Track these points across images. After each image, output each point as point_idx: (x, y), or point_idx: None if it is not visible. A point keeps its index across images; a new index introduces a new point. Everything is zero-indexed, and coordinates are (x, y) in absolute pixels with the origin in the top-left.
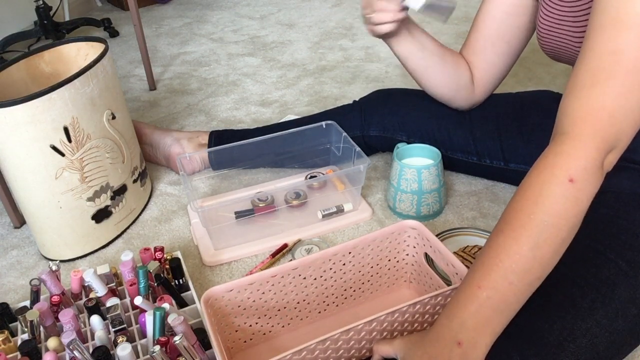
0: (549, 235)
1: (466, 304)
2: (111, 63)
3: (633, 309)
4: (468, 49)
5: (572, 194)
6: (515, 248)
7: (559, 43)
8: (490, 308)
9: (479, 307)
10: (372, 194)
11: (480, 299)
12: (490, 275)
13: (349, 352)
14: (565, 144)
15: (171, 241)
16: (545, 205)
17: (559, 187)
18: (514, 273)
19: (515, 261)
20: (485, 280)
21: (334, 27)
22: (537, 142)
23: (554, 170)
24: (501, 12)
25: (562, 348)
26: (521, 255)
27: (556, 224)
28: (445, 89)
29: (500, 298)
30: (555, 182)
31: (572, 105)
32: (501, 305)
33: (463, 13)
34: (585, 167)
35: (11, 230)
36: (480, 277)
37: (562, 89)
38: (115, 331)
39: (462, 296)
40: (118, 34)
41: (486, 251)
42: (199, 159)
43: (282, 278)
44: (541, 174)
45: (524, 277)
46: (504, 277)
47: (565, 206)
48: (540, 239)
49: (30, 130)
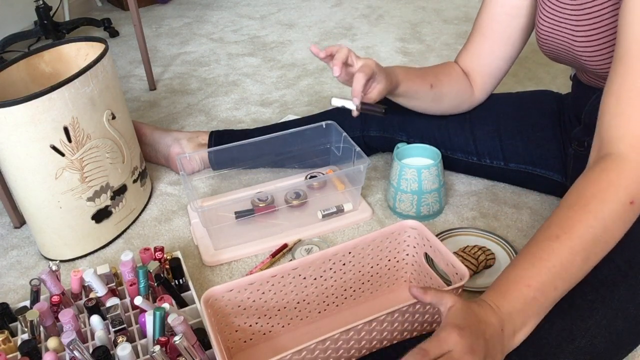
0: (599, 251)
1: (513, 299)
2: (111, 63)
3: (632, 309)
4: (471, 53)
5: (630, 216)
6: (569, 258)
7: (559, 44)
8: (533, 310)
9: (525, 306)
10: (372, 194)
11: (527, 299)
12: (540, 277)
13: (349, 352)
14: (627, 166)
15: (171, 241)
16: (606, 223)
17: (622, 208)
18: (562, 280)
19: (566, 269)
20: (535, 281)
21: (334, 27)
22: (537, 142)
23: (618, 190)
24: (504, 15)
25: (561, 348)
26: (572, 265)
27: (608, 241)
28: (448, 110)
29: (544, 302)
30: (619, 202)
31: (626, 130)
32: (542, 310)
33: (463, 13)
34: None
35: (11, 230)
36: (530, 275)
37: (562, 89)
38: (115, 331)
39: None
40: (118, 34)
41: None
42: (198, 159)
43: (282, 278)
44: (603, 192)
45: (569, 284)
46: (552, 282)
47: (622, 227)
48: (592, 254)
49: (30, 130)
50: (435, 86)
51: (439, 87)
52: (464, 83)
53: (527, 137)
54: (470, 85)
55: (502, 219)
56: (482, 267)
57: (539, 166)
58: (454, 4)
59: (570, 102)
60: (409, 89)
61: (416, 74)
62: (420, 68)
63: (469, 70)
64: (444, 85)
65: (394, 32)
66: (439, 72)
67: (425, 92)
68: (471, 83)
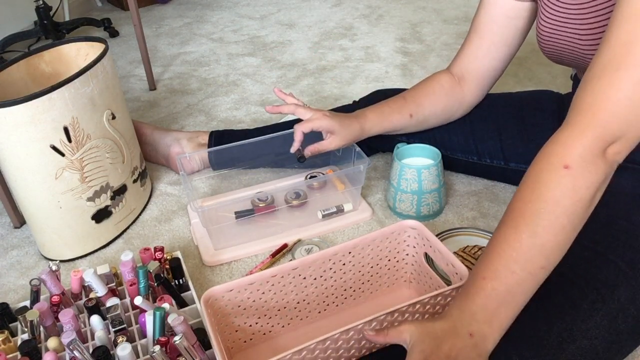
0: (547, 223)
1: (474, 296)
2: (111, 63)
3: (633, 309)
4: (467, 54)
5: (568, 180)
6: (515, 237)
7: (563, 45)
8: (497, 300)
9: (486, 299)
10: (372, 194)
11: (486, 290)
12: (493, 265)
13: (349, 352)
14: (563, 132)
15: (171, 241)
16: (542, 192)
17: (554, 173)
18: (516, 262)
19: (516, 249)
20: (488, 271)
21: (334, 27)
22: (537, 142)
23: (550, 157)
24: (503, 17)
25: (561, 349)
26: (521, 243)
27: (553, 210)
28: (439, 124)
29: (505, 289)
30: (550, 168)
31: (579, 96)
32: (507, 297)
33: (463, 13)
34: (582, 154)
35: (11, 230)
36: (484, 268)
37: (562, 89)
38: (115, 331)
39: (470, 288)
40: (118, 34)
41: (490, 243)
42: (198, 158)
43: (282, 278)
44: (538, 162)
45: (526, 266)
46: (506, 266)
47: (561, 192)
48: (538, 227)
49: (30, 130)
50: (415, 114)
51: (420, 112)
52: (450, 97)
53: (527, 137)
54: (460, 93)
55: None
56: None
57: None
58: (454, 4)
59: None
60: (386, 128)
61: (392, 108)
62: (400, 96)
63: (464, 73)
64: (426, 108)
65: (394, 32)
66: (420, 95)
67: (405, 123)
68: (464, 87)
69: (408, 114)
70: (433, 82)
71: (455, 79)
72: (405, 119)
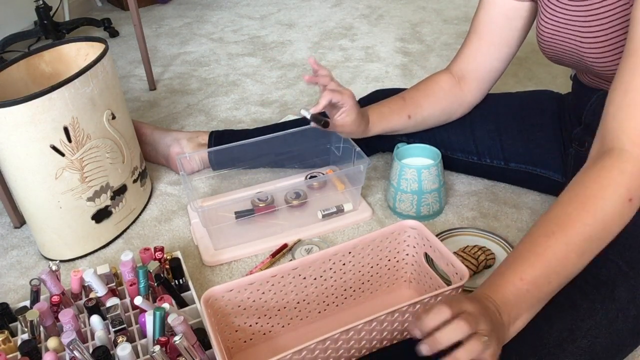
0: (594, 247)
1: (504, 290)
2: (111, 63)
3: (633, 309)
4: (467, 55)
5: (628, 213)
6: (565, 254)
7: (564, 46)
8: (527, 302)
9: (518, 298)
10: (372, 194)
11: (520, 291)
12: (534, 271)
13: (349, 352)
14: (629, 163)
15: (171, 241)
16: (606, 223)
17: (620, 206)
18: (558, 276)
19: (562, 266)
20: (528, 275)
21: (334, 27)
22: (537, 142)
23: (618, 188)
24: (503, 17)
25: (561, 349)
26: (568, 262)
27: (605, 238)
28: (438, 124)
29: (537, 296)
30: (618, 201)
31: (630, 124)
32: (535, 304)
33: (463, 13)
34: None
35: (11, 230)
36: (524, 268)
37: (562, 89)
38: (115, 331)
39: (507, 281)
40: (118, 34)
41: (534, 245)
42: (198, 158)
43: (282, 278)
44: (603, 190)
45: (560, 281)
46: (547, 277)
47: (619, 224)
48: (587, 250)
49: (30, 130)
50: (414, 115)
51: (419, 113)
52: (450, 98)
53: (527, 137)
54: (460, 93)
55: (502, 219)
56: (482, 267)
57: (539, 166)
58: (454, 4)
59: (570, 103)
60: (385, 129)
61: (391, 109)
62: (399, 97)
63: (464, 73)
64: (425, 110)
65: (394, 32)
66: (419, 95)
67: (404, 124)
68: (464, 87)
69: (406, 115)
70: (433, 83)
71: (455, 79)
72: (404, 120)
